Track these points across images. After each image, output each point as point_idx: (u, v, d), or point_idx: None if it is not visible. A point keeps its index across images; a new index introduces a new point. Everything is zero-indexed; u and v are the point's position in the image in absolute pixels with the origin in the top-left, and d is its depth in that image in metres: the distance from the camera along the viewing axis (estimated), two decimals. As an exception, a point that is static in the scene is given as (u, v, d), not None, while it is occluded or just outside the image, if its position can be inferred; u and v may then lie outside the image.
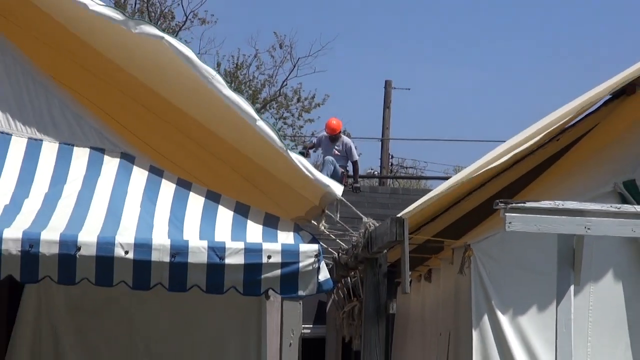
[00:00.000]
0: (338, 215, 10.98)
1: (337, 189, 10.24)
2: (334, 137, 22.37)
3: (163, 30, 10.07)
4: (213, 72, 9.93)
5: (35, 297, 10.48)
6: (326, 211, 10.46)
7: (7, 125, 10.32)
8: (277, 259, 9.34)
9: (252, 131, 10.00)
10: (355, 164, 23.05)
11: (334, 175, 21.25)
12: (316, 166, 21.98)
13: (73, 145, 10.33)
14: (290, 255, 9.38)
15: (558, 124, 11.33)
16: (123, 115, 11.16)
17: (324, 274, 9.47)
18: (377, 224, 11.15)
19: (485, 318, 10.86)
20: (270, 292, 9.55)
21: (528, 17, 59.51)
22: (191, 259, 9.23)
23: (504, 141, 11.85)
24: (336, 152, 22.05)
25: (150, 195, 10.01)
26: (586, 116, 12.29)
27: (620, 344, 10.91)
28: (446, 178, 24.06)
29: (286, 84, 37.69)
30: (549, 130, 11.32)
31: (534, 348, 10.83)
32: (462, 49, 58.85)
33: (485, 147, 41.70)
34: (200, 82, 9.94)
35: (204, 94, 10.05)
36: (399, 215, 10.70)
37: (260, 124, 9.95)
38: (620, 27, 60.39)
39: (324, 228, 10.52)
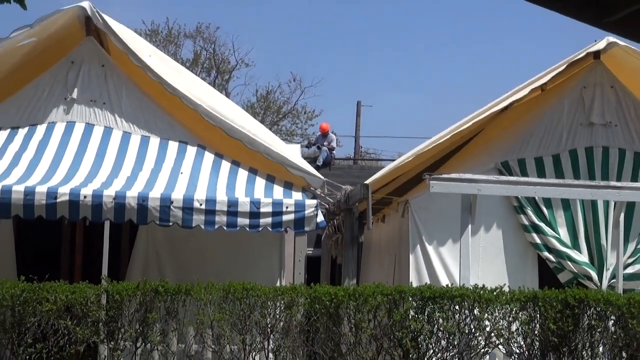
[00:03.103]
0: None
1: (316, 181, 10.22)
2: (324, 134, 22.16)
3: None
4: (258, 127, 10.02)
5: (145, 233, 10.44)
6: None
7: (129, 128, 10.34)
8: (292, 209, 9.37)
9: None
10: (332, 149, 22.66)
11: (326, 159, 21.13)
12: (315, 153, 21.90)
13: (168, 140, 10.33)
14: (299, 206, 9.40)
15: (462, 127, 11.31)
16: (200, 124, 11.10)
17: (320, 218, 9.50)
18: (352, 188, 11.16)
19: (418, 246, 10.84)
20: (288, 229, 9.57)
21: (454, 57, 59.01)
22: (240, 209, 9.24)
23: (430, 137, 11.82)
24: (325, 144, 21.82)
25: (215, 170, 10.02)
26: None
27: (499, 260, 10.92)
28: (393, 160, 23.87)
29: (297, 103, 37.77)
30: (457, 131, 11.30)
31: (448, 265, 10.82)
32: (407, 77, 58.37)
33: (418, 140, 41.69)
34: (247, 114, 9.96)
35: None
36: (365, 182, 10.74)
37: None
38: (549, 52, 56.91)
39: (320, 191, 10.51)
